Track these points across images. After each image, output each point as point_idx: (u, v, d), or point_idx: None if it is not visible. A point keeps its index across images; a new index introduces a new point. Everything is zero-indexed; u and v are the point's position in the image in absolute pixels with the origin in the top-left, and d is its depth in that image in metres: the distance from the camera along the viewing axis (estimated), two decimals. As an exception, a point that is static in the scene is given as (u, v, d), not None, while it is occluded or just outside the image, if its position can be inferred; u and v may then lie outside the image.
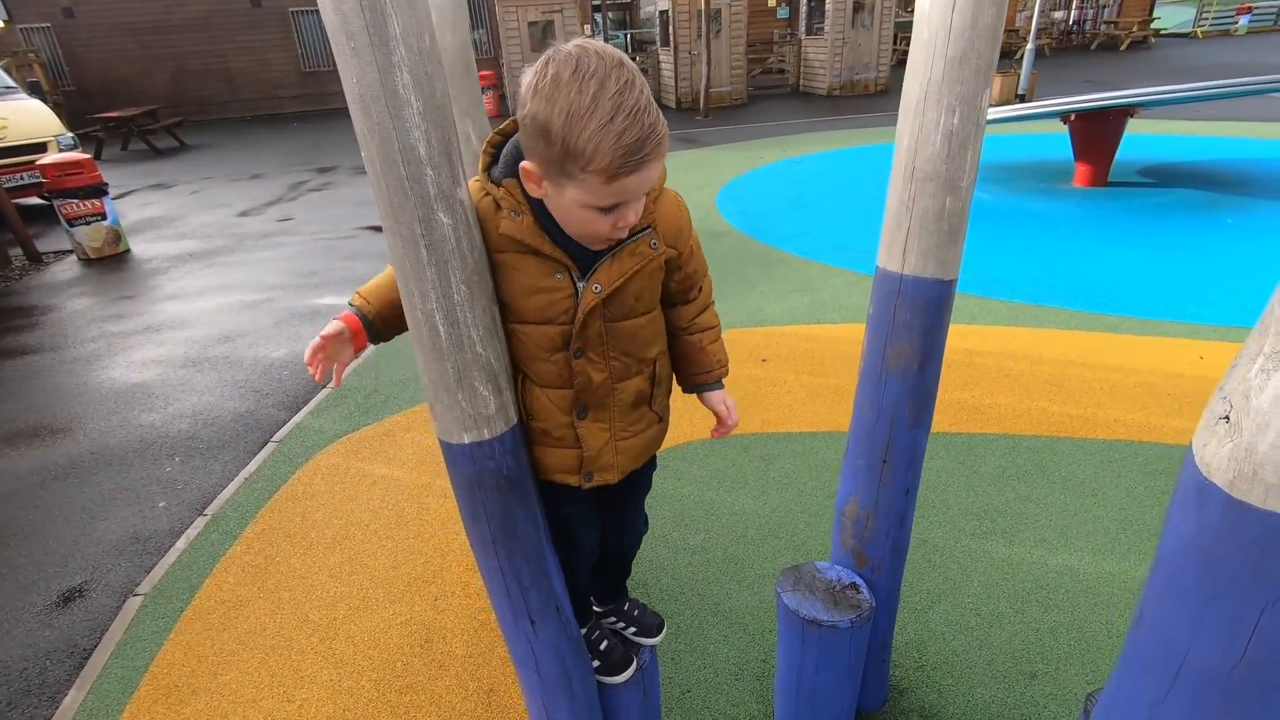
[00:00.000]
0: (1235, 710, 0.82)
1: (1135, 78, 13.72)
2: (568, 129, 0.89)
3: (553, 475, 1.24)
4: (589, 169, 0.91)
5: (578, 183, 0.94)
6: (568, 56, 0.89)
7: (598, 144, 0.89)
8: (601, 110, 0.87)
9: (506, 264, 1.07)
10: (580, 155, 0.90)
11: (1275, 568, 0.73)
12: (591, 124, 0.88)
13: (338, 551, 2.56)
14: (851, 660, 1.60)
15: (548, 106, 0.90)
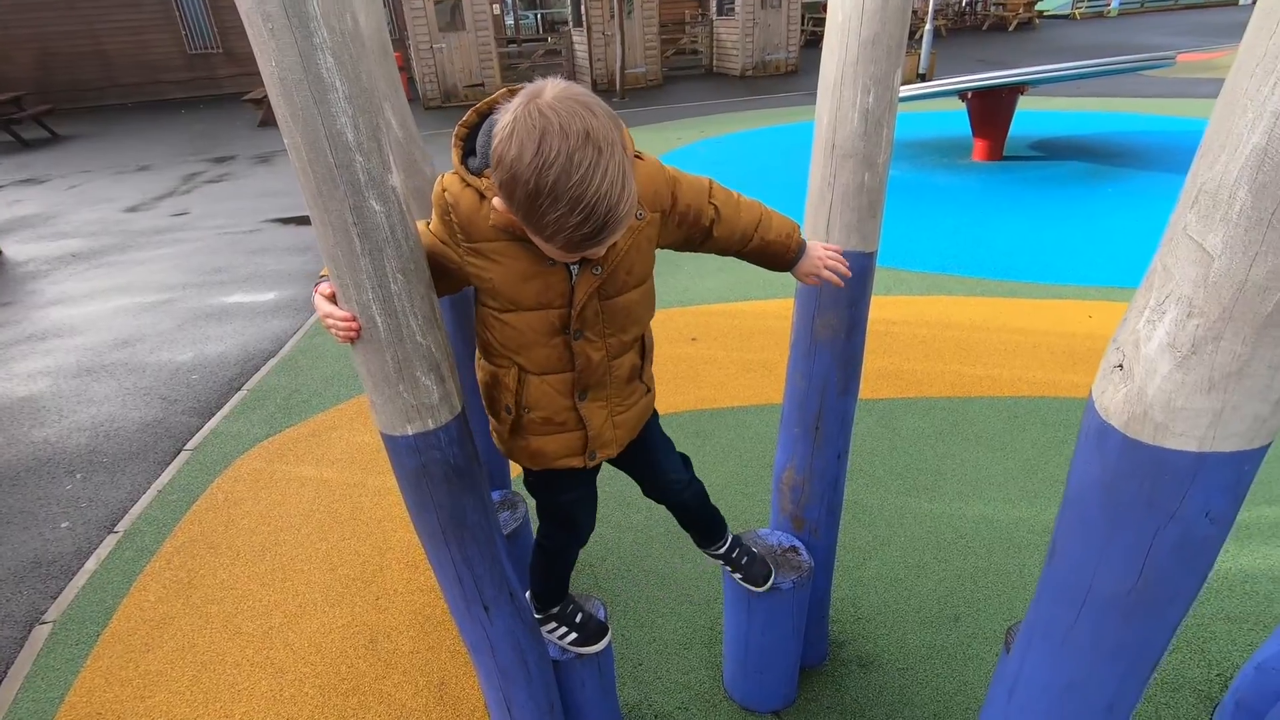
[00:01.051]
0: (1133, 626, 0.92)
1: (1023, 57, 14.57)
2: (529, 208, 0.90)
3: (555, 462, 1.24)
4: (549, 242, 0.94)
5: (539, 239, 0.97)
6: (531, 130, 0.87)
7: (555, 230, 0.91)
8: (561, 202, 0.88)
9: (498, 253, 1.06)
10: (540, 231, 0.93)
11: (1165, 498, 0.82)
12: (552, 213, 0.89)
13: (268, 559, 2.45)
14: (795, 619, 1.67)
15: (511, 181, 0.90)
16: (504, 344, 1.14)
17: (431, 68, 13.58)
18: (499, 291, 1.08)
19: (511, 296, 1.09)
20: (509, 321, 1.11)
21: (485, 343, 1.18)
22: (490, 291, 1.09)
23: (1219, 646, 1.85)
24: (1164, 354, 0.77)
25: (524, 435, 1.23)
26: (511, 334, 1.12)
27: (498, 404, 1.22)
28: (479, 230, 1.05)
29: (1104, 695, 1.01)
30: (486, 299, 1.12)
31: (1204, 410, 0.76)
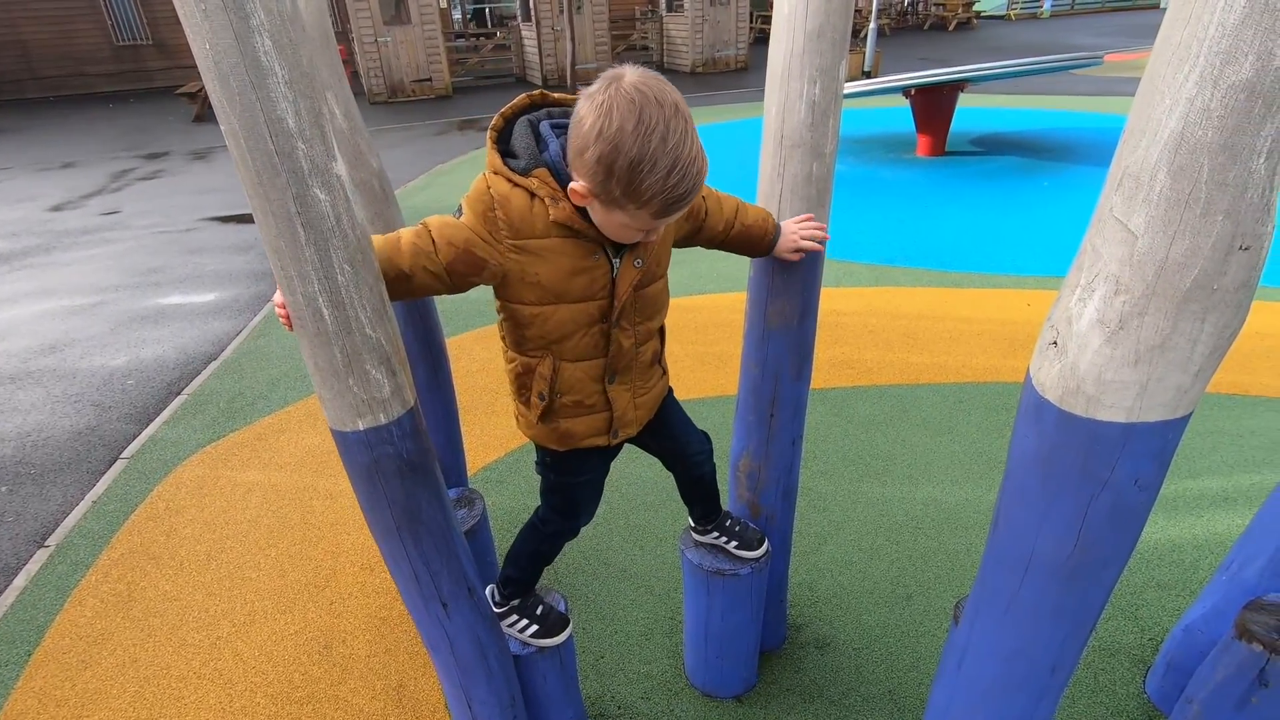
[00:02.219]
0: (1073, 590, 0.97)
1: (963, 55, 15.04)
2: (630, 176, 0.97)
3: (582, 441, 1.30)
4: (642, 209, 1.01)
5: (628, 213, 1.03)
6: (630, 104, 0.95)
7: (653, 194, 0.99)
8: (660, 166, 0.96)
9: (550, 249, 1.10)
10: (637, 198, 1.00)
11: (1098, 466, 0.86)
12: (651, 177, 0.97)
13: (214, 567, 2.37)
14: (754, 604, 1.70)
15: (613, 152, 0.96)
16: (541, 336, 1.18)
17: (376, 62, 13.27)
18: (544, 287, 1.13)
19: (557, 291, 1.13)
20: (548, 315, 1.15)
21: (518, 338, 1.21)
22: (533, 287, 1.13)
23: (1150, 612, 1.95)
24: (1094, 330, 0.81)
25: (554, 418, 1.27)
26: (551, 327, 1.17)
27: (529, 391, 1.25)
28: (529, 228, 1.09)
29: (1048, 657, 1.05)
30: (521, 295, 1.15)
31: (1131, 382, 0.80)
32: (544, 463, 1.41)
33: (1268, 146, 0.68)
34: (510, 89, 14.45)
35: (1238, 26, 0.65)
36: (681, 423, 1.52)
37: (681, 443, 1.52)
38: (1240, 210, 0.71)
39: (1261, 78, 0.66)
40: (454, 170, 7.90)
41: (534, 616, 1.50)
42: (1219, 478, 2.47)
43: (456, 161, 8.32)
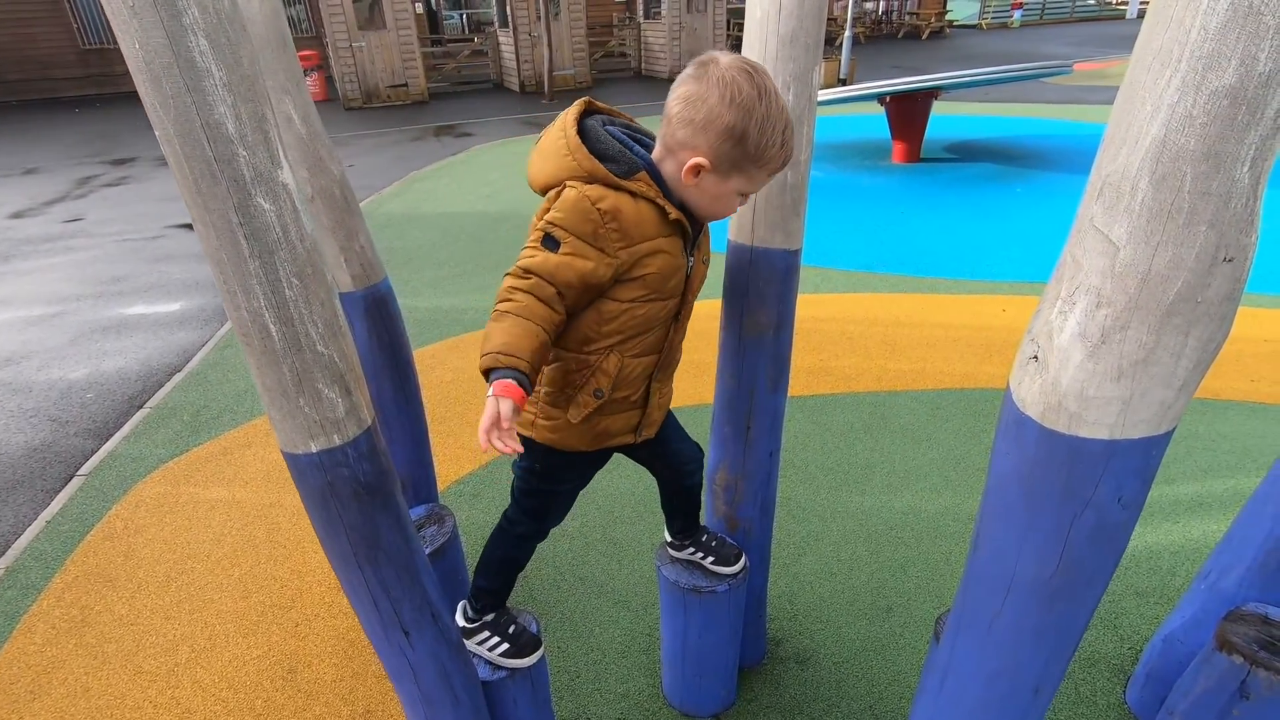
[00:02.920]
0: (1055, 611, 0.94)
1: (936, 64, 15.25)
2: (760, 137, 1.07)
3: (611, 440, 1.31)
4: (763, 168, 1.11)
5: (747, 176, 1.12)
6: (749, 77, 1.06)
7: (775, 150, 1.09)
8: (778, 125, 1.08)
9: (658, 249, 1.14)
10: (761, 156, 1.09)
11: (1080, 485, 0.83)
12: (774, 135, 1.08)
13: (173, 589, 2.27)
14: (732, 620, 1.66)
15: (746, 117, 1.06)
16: (619, 331, 1.18)
17: (351, 67, 13.12)
18: (648, 285, 1.16)
19: (657, 288, 1.17)
20: (637, 311, 1.17)
21: (589, 335, 1.18)
22: (637, 285, 1.15)
23: (1129, 621, 1.94)
24: (1076, 344, 0.78)
25: (598, 416, 1.26)
26: (636, 322, 1.18)
27: (578, 389, 1.22)
28: (641, 232, 1.12)
29: (1031, 678, 1.02)
30: (619, 294, 1.15)
31: (1114, 398, 0.78)
32: (533, 469, 1.35)
33: (1252, 154, 0.66)
34: (488, 95, 14.37)
35: (1220, 30, 0.63)
36: (676, 430, 1.52)
37: (674, 450, 1.51)
38: (1224, 220, 0.69)
39: (1245, 83, 0.63)
40: (430, 177, 7.81)
41: (506, 635, 1.44)
42: (1194, 483, 2.48)
43: (433, 168, 8.23)
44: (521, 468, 1.37)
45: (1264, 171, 0.67)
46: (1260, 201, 0.69)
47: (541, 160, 1.16)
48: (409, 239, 5.75)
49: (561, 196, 1.10)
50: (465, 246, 5.48)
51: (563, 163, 1.12)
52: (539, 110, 12.05)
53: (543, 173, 1.16)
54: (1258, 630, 1.35)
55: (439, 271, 4.98)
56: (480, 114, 12.03)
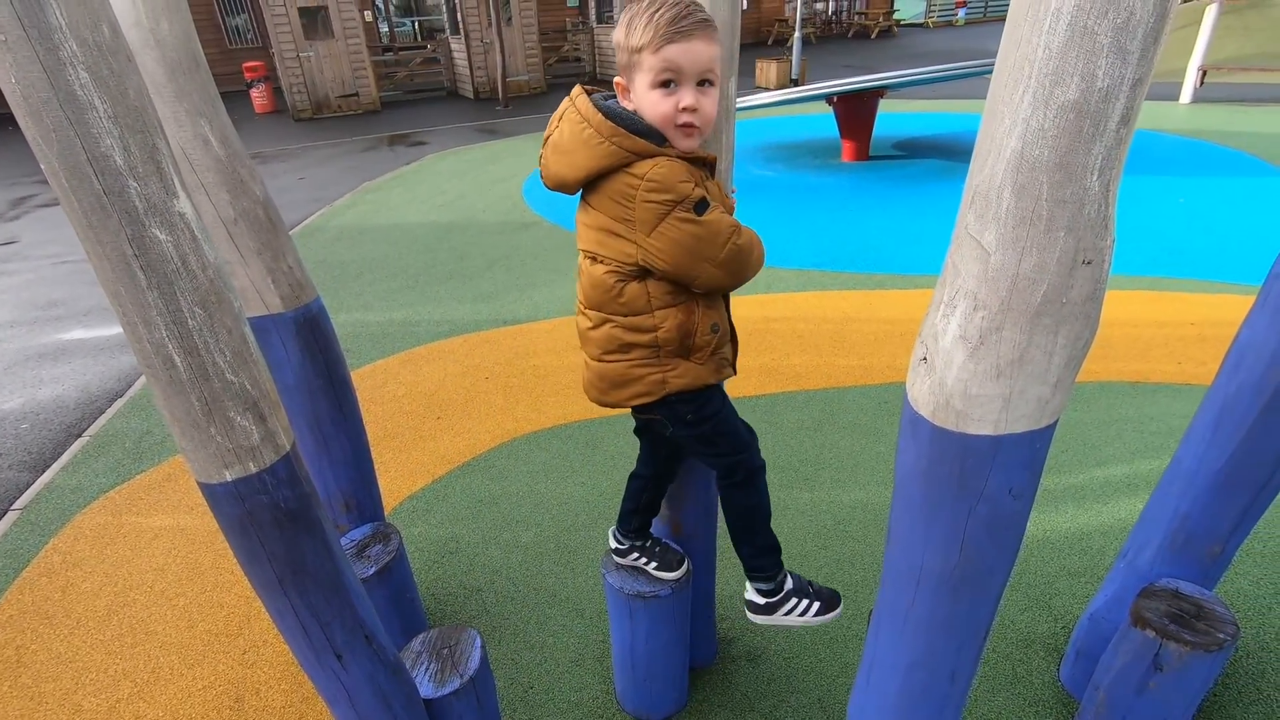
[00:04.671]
0: (962, 601, 0.98)
1: (885, 62, 15.56)
2: (629, 29, 1.14)
3: (725, 370, 1.36)
4: (643, 48, 1.13)
5: (642, 69, 1.15)
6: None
7: (643, 27, 1.12)
8: (650, 8, 1.13)
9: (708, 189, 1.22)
10: (637, 42, 1.13)
11: (973, 479, 0.87)
12: (643, 17, 1.13)
13: (114, 623, 2.21)
14: (678, 624, 1.68)
15: (622, 27, 1.16)
16: None
17: (300, 77, 12.87)
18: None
19: None
20: None
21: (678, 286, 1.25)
22: None
23: (1062, 601, 2.02)
24: (958, 345, 0.82)
25: (719, 349, 1.33)
26: None
27: (694, 334, 1.28)
28: (697, 177, 1.20)
29: (946, 667, 1.06)
30: None
31: (995, 396, 0.82)
32: (701, 416, 1.36)
33: (1099, 164, 0.70)
34: (441, 103, 14.23)
35: (1062, 49, 0.67)
36: None
37: None
38: (1080, 226, 0.73)
39: (1087, 98, 0.67)
40: (382, 187, 7.71)
41: (810, 594, 1.50)
42: (1123, 464, 2.58)
43: (386, 178, 8.12)
44: (693, 432, 1.38)
45: (1113, 179, 0.72)
46: (1113, 207, 0.74)
47: (568, 155, 1.19)
48: (361, 251, 5.67)
49: (654, 177, 1.14)
50: (418, 257, 5.42)
51: (600, 150, 1.16)
52: (494, 117, 11.98)
53: (576, 167, 1.19)
54: (1168, 604, 1.42)
55: (391, 284, 4.92)
56: (434, 122, 11.91)
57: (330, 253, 5.68)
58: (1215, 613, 1.39)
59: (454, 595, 2.25)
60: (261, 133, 11.78)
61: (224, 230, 1.52)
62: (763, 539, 1.48)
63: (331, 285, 4.96)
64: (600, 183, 1.20)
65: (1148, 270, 4.36)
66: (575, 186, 1.23)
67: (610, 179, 1.18)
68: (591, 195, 1.23)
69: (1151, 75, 0.68)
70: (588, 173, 1.18)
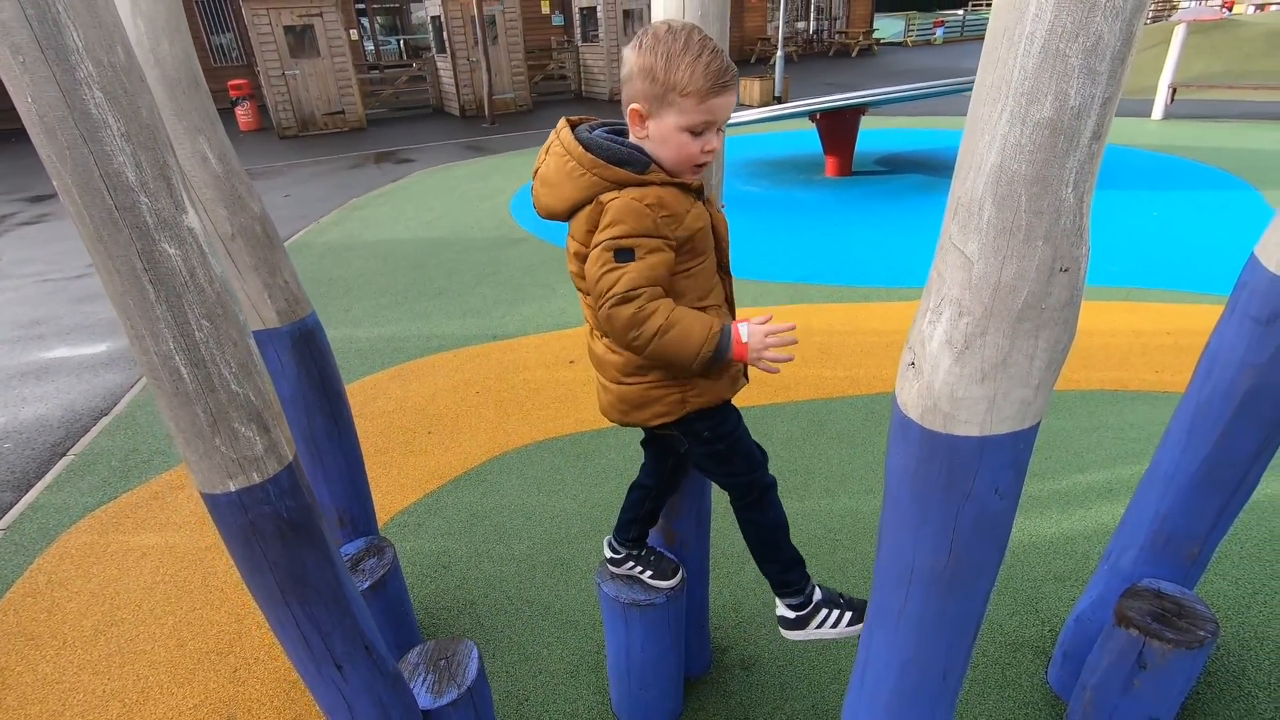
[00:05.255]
0: (952, 599, 1.01)
1: (866, 80, 15.85)
2: (669, 65, 1.14)
3: (738, 383, 1.39)
4: (686, 93, 1.15)
5: (677, 109, 1.17)
6: (659, 26, 1.17)
7: (692, 72, 1.14)
8: (691, 51, 1.14)
9: (693, 216, 1.24)
10: (679, 84, 1.15)
11: (961, 479, 0.91)
12: (686, 59, 1.14)
13: (102, 643, 2.19)
14: (673, 632, 1.69)
15: (652, 55, 1.14)
16: (695, 288, 1.28)
17: (285, 95, 12.88)
18: (696, 246, 1.26)
19: (702, 248, 1.28)
20: (698, 270, 1.28)
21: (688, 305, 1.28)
22: (690, 252, 1.25)
23: (1049, 604, 2.06)
24: (944, 350, 0.85)
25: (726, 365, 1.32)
26: (703, 280, 1.29)
27: None
28: (681, 206, 1.22)
29: (938, 665, 1.09)
30: (681, 265, 1.25)
31: (980, 398, 0.85)
32: (716, 434, 1.39)
33: (1073, 177, 0.74)
34: (428, 120, 14.29)
35: (1036, 70, 0.71)
36: None
37: None
38: (1057, 235, 0.77)
39: (1061, 116, 0.72)
40: (369, 204, 7.72)
41: (841, 604, 1.53)
42: (1105, 470, 2.64)
43: (373, 195, 8.13)
44: (708, 449, 1.40)
45: (1087, 191, 0.76)
46: (1087, 218, 0.78)
47: (555, 188, 1.24)
48: (349, 268, 5.67)
49: (608, 209, 1.18)
50: (406, 274, 5.43)
51: (582, 181, 1.20)
52: (480, 134, 12.05)
53: (562, 199, 1.23)
54: (1151, 604, 1.46)
55: (380, 300, 4.93)
56: (421, 139, 11.95)
57: (318, 269, 5.68)
58: (1196, 611, 1.43)
59: (448, 609, 2.25)
60: (247, 150, 11.75)
61: (222, 246, 1.53)
62: (787, 553, 1.50)
63: (319, 301, 4.95)
64: (580, 211, 1.24)
65: (1124, 281, 4.47)
66: (564, 216, 1.27)
67: (588, 207, 1.22)
68: (572, 223, 1.27)
69: (1120, 93, 0.73)
70: (573, 203, 1.23)
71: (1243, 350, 1.25)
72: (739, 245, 5.61)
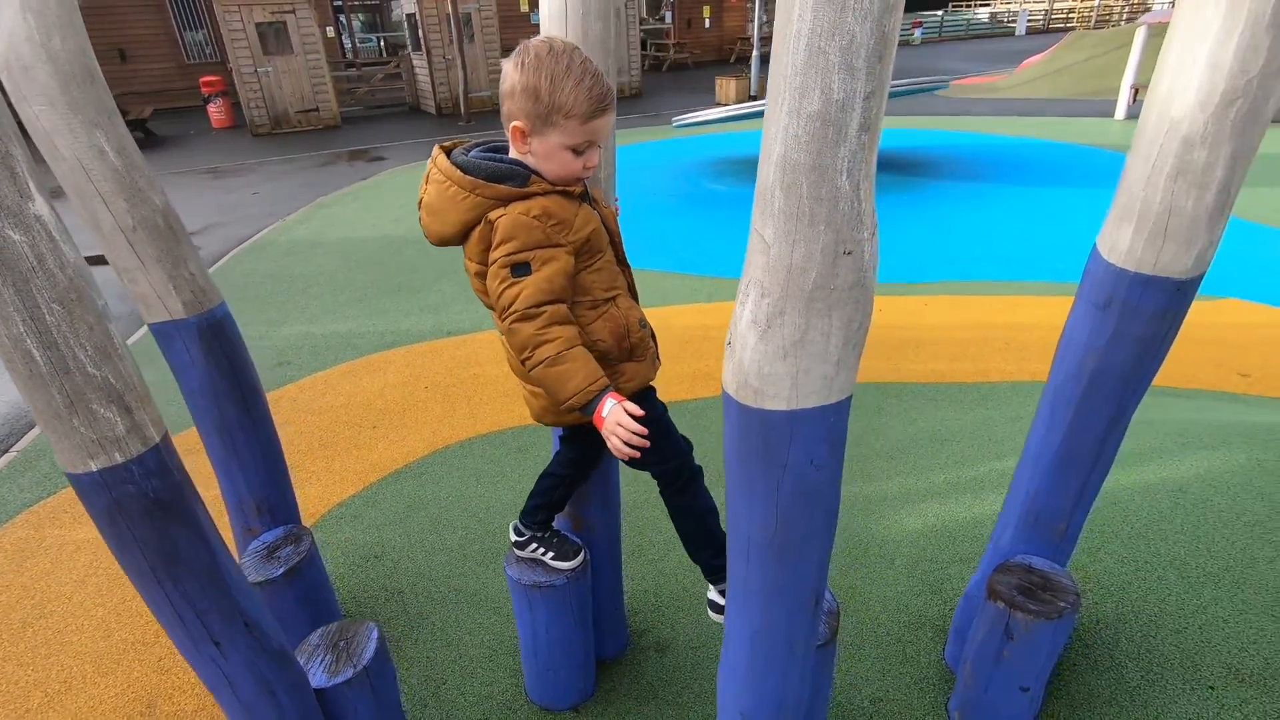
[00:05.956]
0: (785, 568, 1.07)
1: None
2: (554, 89, 1.19)
3: (658, 364, 1.47)
4: (570, 115, 1.20)
5: (560, 129, 1.22)
6: (541, 45, 1.20)
7: (575, 97, 1.19)
8: (574, 74, 1.18)
9: (581, 218, 1.28)
10: (563, 107, 1.20)
11: (776, 451, 0.96)
12: (569, 83, 1.18)
13: (29, 634, 2.20)
14: (578, 613, 1.74)
15: (535, 75, 1.18)
16: (601, 284, 1.34)
17: (258, 92, 12.80)
18: (592, 246, 1.31)
19: (598, 246, 1.33)
20: (599, 267, 1.34)
21: (595, 299, 1.34)
22: (587, 253, 1.31)
23: (952, 585, 2.13)
24: (751, 329, 0.91)
25: (648, 345, 1.43)
26: (605, 276, 1.35)
27: (632, 331, 1.38)
28: (568, 212, 1.27)
29: (782, 635, 1.15)
30: (582, 264, 1.31)
31: (784, 374, 0.91)
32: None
33: (846, 166, 0.80)
34: (404, 118, 14.24)
35: (804, 67, 0.76)
36: None
37: None
38: (837, 220, 0.82)
39: (828, 108, 0.77)
40: (337, 202, 7.70)
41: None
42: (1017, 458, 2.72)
43: (341, 193, 8.11)
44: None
45: (862, 179, 0.82)
46: (867, 203, 0.83)
47: (441, 214, 1.27)
48: (311, 265, 5.67)
49: (499, 227, 1.22)
50: (367, 271, 5.45)
51: (466, 204, 1.24)
52: (456, 133, 12.03)
53: (450, 224, 1.27)
54: (1020, 578, 1.52)
55: (338, 297, 4.94)
56: (395, 138, 11.93)
57: (280, 266, 5.67)
58: (1061, 584, 1.50)
59: (375, 597, 2.29)
60: (219, 148, 11.68)
61: (123, 238, 1.56)
62: (719, 538, 1.56)
63: (278, 299, 4.96)
64: (471, 232, 1.28)
65: (1073, 278, 4.58)
66: (457, 240, 1.30)
67: (479, 227, 1.26)
68: (466, 245, 1.31)
69: (884, 89, 0.78)
70: (462, 226, 1.27)
71: (1086, 334, 1.32)
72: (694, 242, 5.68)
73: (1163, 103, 1.09)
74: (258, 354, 4.13)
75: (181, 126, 13.90)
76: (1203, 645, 1.71)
